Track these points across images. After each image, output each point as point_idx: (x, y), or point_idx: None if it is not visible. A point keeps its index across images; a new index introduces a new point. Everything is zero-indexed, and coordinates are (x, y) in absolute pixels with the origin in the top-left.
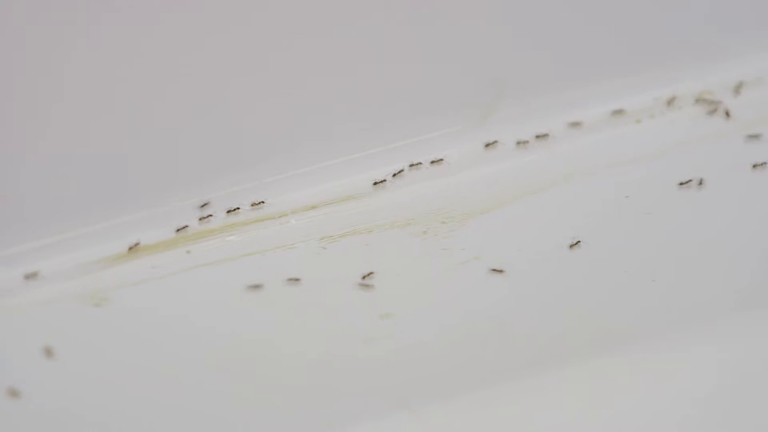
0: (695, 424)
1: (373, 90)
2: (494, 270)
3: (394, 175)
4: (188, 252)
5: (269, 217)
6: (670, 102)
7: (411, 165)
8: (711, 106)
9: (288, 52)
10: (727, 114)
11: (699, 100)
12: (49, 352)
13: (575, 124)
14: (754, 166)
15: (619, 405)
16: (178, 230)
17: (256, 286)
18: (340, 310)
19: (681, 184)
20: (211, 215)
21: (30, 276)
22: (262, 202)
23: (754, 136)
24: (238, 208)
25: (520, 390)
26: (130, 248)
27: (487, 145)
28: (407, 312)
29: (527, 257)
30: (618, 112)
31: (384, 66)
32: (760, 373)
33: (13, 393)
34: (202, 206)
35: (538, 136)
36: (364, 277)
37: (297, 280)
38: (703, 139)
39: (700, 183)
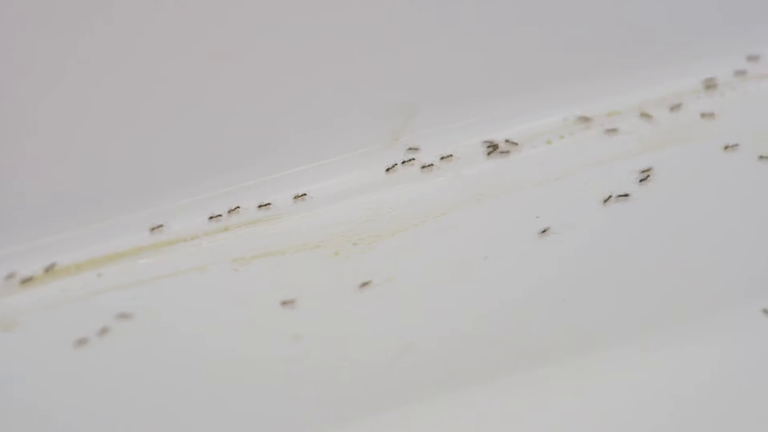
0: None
1: (280, 111)
2: (285, 304)
3: (299, 197)
4: (99, 275)
5: (180, 239)
6: (581, 122)
7: (325, 187)
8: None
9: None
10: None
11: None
12: None
13: (486, 145)
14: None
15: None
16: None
17: (168, 310)
18: (253, 331)
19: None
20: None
21: None
22: (219, 215)
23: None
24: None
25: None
26: (46, 270)
27: (397, 165)
28: (320, 333)
29: (440, 277)
30: (528, 133)
31: (291, 87)
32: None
33: None
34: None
35: (444, 157)
36: (285, 303)
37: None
38: (613, 159)
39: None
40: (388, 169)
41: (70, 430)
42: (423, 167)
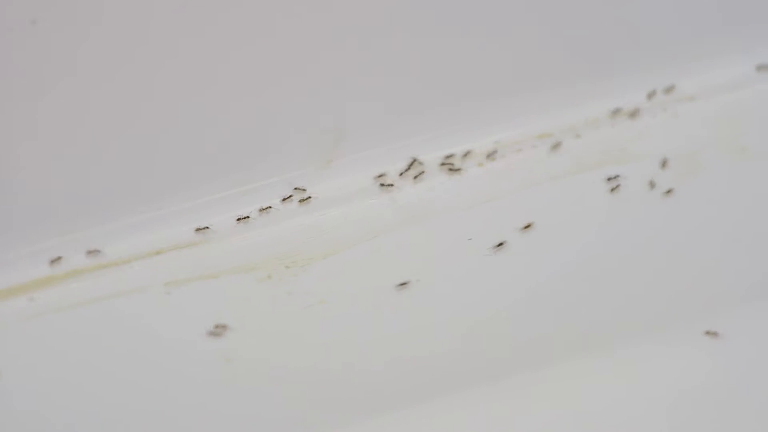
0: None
1: (212, 135)
2: (217, 328)
3: (239, 219)
4: (31, 300)
5: (113, 263)
6: (513, 144)
7: (261, 209)
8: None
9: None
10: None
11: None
12: None
13: (411, 169)
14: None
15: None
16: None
17: (102, 333)
18: (186, 354)
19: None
20: (60, 258)
21: None
22: (207, 227)
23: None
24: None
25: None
26: None
27: (328, 189)
28: (252, 355)
29: (372, 299)
30: (459, 155)
31: (223, 111)
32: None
33: None
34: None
35: (378, 179)
36: (217, 326)
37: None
38: (545, 181)
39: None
40: (327, 190)
41: None
42: (357, 189)
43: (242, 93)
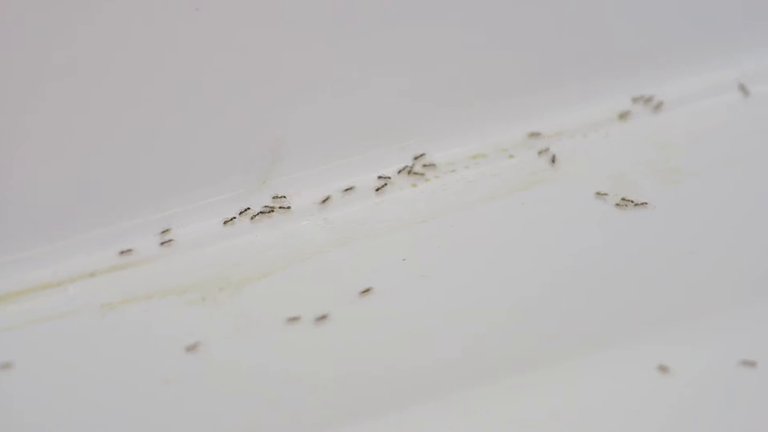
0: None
1: (144, 154)
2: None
3: (162, 243)
4: None
5: (48, 285)
6: (447, 165)
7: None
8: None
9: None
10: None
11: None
12: None
13: (351, 189)
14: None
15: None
16: None
17: (38, 357)
18: (122, 376)
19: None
20: None
21: None
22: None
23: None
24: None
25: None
26: None
27: (263, 211)
28: (188, 377)
29: (305, 319)
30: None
31: (158, 129)
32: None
33: None
34: None
35: (321, 201)
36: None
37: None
38: (478, 201)
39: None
40: (261, 212)
41: None
42: (292, 210)
43: (175, 110)
